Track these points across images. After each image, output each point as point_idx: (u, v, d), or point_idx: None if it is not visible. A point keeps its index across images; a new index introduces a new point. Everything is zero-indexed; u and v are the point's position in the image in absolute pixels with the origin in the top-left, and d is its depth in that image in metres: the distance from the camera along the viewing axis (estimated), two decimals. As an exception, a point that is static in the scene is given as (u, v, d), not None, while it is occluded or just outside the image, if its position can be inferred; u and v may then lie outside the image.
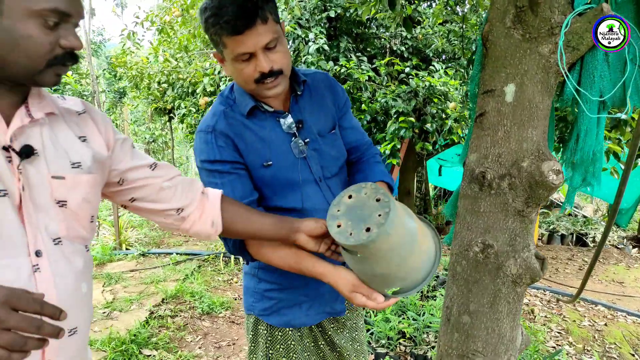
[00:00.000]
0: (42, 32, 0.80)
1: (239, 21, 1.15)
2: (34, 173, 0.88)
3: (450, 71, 5.10)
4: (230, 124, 1.35)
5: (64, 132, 0.97)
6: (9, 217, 0.84)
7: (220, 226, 1.24)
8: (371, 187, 1.15)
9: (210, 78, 4.70)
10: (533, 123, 1.44)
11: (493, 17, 1.47)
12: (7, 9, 0.76)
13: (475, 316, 1.54)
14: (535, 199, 1.43)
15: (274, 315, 1.53)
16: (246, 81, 1.27)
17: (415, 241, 1.21)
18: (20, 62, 0.81)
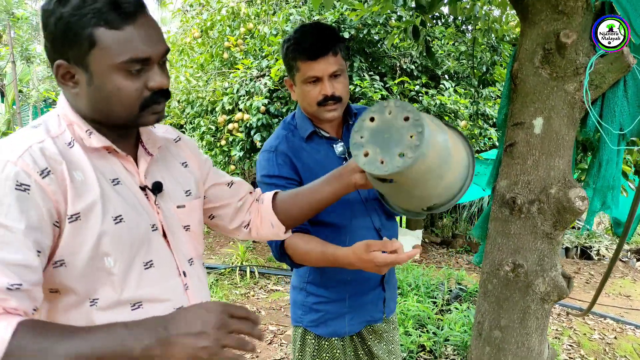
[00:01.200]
0: (128, 81, 0.87)
1: (315, 49, 1.39)
2: (165, 206, 1.01)
3: (460, 89, 5.26)
4: (290, 146, 1.54)
5: (172, 162, 1.09)
6: (163, 247, 0.97)
7: (280, 225, 1.27)
8: (395, 104, 1.00)
9: (230, 97, 4.86)
10: (560, 153, 1.57)
11: (522, 57, 1.61)
12: (94, 71, 0.85)
13: (506, 331, 1.66)
14: (562, 223, 1.56)
15: (322, 326, 1.66)
16: (310, 103, 1.48)
17: (449, 155, 1.08)
18: (118, 112, 0.89)
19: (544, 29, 1.54)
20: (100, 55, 0.83)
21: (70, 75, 0.87)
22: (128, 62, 0.85)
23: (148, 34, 0.87)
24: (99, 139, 0.91)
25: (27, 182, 0.78)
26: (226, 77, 5.15)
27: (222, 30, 5.62)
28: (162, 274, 0.95)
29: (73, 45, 0.83)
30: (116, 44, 0.83)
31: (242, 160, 5.22)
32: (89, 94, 0.87)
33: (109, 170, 0.92)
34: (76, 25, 0.81)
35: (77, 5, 0.80)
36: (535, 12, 1.57)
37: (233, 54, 5.57)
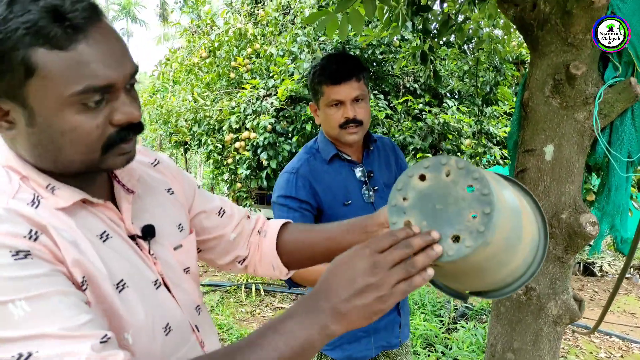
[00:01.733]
0: (84, 118, 0.65)
1: (339, 74, 1.48)
2: (161, 253, 0.82)
3: (463, 108, 5.34)
4: (311, 168, 1.60)
5: (156, 194, 0.88)
6: (171, 305, 0.81)
7: (283, 268, 1.07)
8: (457, 164, 0.73)
9: (237, 116, 4.94)
10: (570, 179, 1.62)
11: (532, 86, 1.67)
12: (35, 107, 0.63)
13: (519, 353, 1.69)
14: (573, 247, 1.60)
15: (337, 350, 1.69)
16: (332, 126, 1.55)
17: (519, 238, 0.82)
18: (72, 158, 0.67)
19: (554, 60, 1.60)
20: (41, 85, 0.61)
21: (2, 113, 0.64)
22: (83, 93, 0.62)
23: (108, 52, 0.65)
24: (67, 194, 0.70)
25: (23, 248, 0.59)
26: (233, 96, 5.24)
27: (229, 51, 5.73)
28: (181, 337, 0.80)
29: (9, 73, 0.61)
30: (64, 69, 0.61)
31: (249, 178, 5.28)
32: (30, 136, 0.65)
33: (92, 225, 0.72)
34: (3, 45, 0.59)
35: (3, 17, 0.58)
36: (545, 44, 1.63)
37: (240, 73, 5.67)
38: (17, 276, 0.57)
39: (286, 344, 0.63)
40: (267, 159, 4.93)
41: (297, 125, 5.14)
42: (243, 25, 5.47)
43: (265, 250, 1.07)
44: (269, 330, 0.65)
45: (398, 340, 1.77)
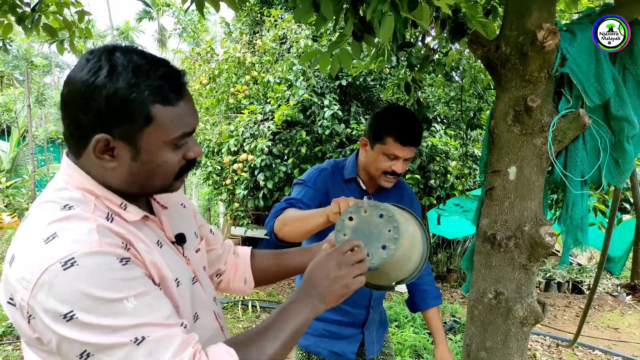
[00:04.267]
0: (173, 155, 0.85)
1: (411, 140, 1.68)
2: (190, 254, 1.02)
3: (450, 131, 5.61)
4: (332, 176, 1.81)
5: (176, 208, 1.08)
6: (203, 297, 1.01)
7: (252, 282, 1.29)
8: (368, 204, 1.17)
9: (235, 139, 5.20)
10: (531, 196, 1.85)
11: (497, 116, 1.91)
12: (144, 147, 0.81)
13: (491, 352, 1.89)
14: (535, 256, 1.82)
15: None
16: (378, 169, 1.74)
17: (414, 237, 1.28)
18: (155, 184, 0.87)
19: (514, 94, 1.85)
20: (154, 132, 0.80)
21: (109, 149, 0.81)
22: (179, 137, 0.84)
23: (192, 107, 0.87)
24: (135, 211, 0.88)
25: (125, 256, 0.77)
26: (232, 120, 5.49)
27: (229, 78, 6.00)
28: (206, 323, 0.99)
29: (125, 121, 0.78)
30: (171, 120, 0.81)
31: (246, 198, 5.49)
32: (130, 168, 0.83)
33: (150, 236, 0.90)
34: (133, 102, 0.77)
35: (132, 82, 0.77)
36: (507, 80, 1.88)
37: (238, 99, 5.93)
38: (127, 277, 0.75)
39: (296, 320, 0.91)
40: (264, 179, 5.16)
41: (293, 148, 5.38)
42: (242, 54, 5.76)
43: (239, 266, 1.30)
44: (283, 313, 0.92)
45: (353, 355, 1.93)
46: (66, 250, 0.72)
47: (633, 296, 7.37)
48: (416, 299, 1.95)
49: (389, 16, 1.57)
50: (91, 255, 0.72)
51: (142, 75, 0.78)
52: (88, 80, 0.76)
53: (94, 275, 0.71)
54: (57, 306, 0.70)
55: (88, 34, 2.61)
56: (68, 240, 0.73)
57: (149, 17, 34.06)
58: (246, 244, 12.79)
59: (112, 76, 0.76)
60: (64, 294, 0.70)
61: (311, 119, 5.37)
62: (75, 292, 0.70)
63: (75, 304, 0.70)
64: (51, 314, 0.70)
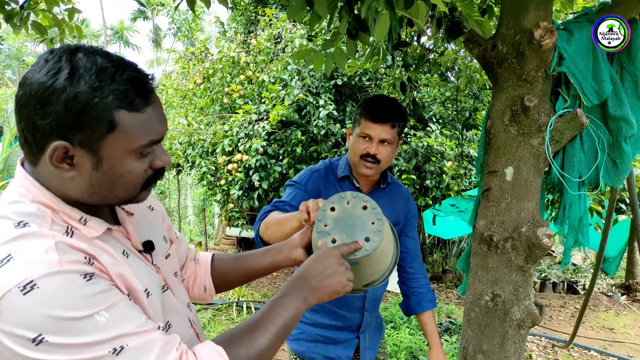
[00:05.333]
0: (138, 164, 0.80)
1: (378, 115, 1.64)
2: (159, 262, 0.97)
3: (446, 132, 5.59)
4: (324, 177, 1.79)
5: (143, 212, 1.02)
6: (175, 304, 0.97)
7: (212, 289, 1.25)
8: (351, 195, 1.14)
9: (230, 139, 5.16)
10: (528, 197, 1.83)
11: (494, 116, 1.89)
12: (105, 155, 0.76)
13: (488, 355, 1.87)
14: (532, 257, 1.80)
15: (294, 342, 1.86)
16: (355, 153, 1.72)
17: (390, 235, 1.25)
18: (119, 196, 0.82)
19: (511, 94, 1.83)
20: (117, 139, 0.75)
21: (68, 157, 0.76)
22: (146, 146, 0.79)
23: (161, 113, 0.82)
24: (96, 225, 0.83)
25: (88, 271, 0.72)
26: (226, 120, 5.46)
27: (223, 77, 5.97)
28: (180, 331, 0.94)
29: (86, 128, 0.73)
30: (137, 127, 0.76)
31: (241, 199, 5.45)
32: (91, 178, 0.78)
33: (116, 246, 0.85)
34: (96, 108, 0.72)
35: (95, 86, 0.72)
36: (504, 80, 1.86)
37: (233, 99, 5.90)
38: (93, 292, 0.70)
39: (287, 313, 0.90)
40: (259, 180, 5.13)
41: (288, 148, 5.36)
42: (236, 53, 5.73)
43: (199, 273, 1.25)
44: (274, 306, 0.91)
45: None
46: (23, 273, 0.67)
47: (628, 296, 7.39)
48: (411, 302, 1.92)
49: (384, 14, 1.54)
50: (52, 276, 0.67)
51: (107, 79, 0.73)
52: (46, 83, 0.71)
53: (57, 296, 0.67)
54: (22, 332, 0.65)
55: (78, 32, 2.57)
56: (24, 262, 0.68)
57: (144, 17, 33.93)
58: (241, 244, 12.75)
59: (73, 79, 0.71)
60: (28, 319, 0.65)
61: (306, 119, 5.34)
62: (40, 316, 0.66)
63: (43, 328, 0.66)
64: (18, 340, 0.66)
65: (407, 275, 1.94)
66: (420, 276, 1.93)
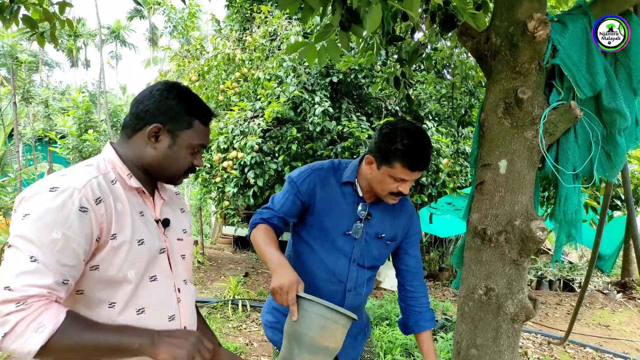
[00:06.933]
0: (189, 156, 1.25)
1: (419, 165, 1.60)
2: (170, 237, 1.30)
3: (442, 129, 5.58)
4: (324, 178, 1.75)
5: (175, 207, 1.41)
6: (166, 267, 1.24)
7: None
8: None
9: (225, 136, 5.13)
10: (522, 190, 1.82)
11: (487, 108, 1.88)
12: (178, 142, 1.22)
13: (481, 349, 1.86)
14: (526, 251, 1.79)
15: (270, 330, 1.84)
16: (384, 190, 1.67)
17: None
18: (172, 172, 1.25)
19: (505, 86, 1.81)
20: (189, 135, 1.23)
21: (157, 135, 1.20)
22: (198, 145, 1.25)
23: (209, 133, 1.33)
24: (136, 181, 1.21)
25: (86, 206, 1.04)
26: (221, 117, 5.43)
27: (218, 74, 5.94)
28: (162, 288, 1.21)
29: (178, 121, 1.21)
30: (200, 132, 1.25)
31: (236, 196, 5.43)
32: (163, 153, 1.21)
33: (138, 205, 1.21)
34: (187, 113, 1.22)
35: (191, 102, 1.24)
36: (497, 72, 1.85)
37: (228, 96, 5.86)
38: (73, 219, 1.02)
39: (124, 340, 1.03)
40: (254, 177, 5.10)
41: (283, 145, 5.33)
42: (231, 50, 5.70)
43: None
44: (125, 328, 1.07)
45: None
46: (61, 183, 1.05)
47: (624, 294, 7.40)
48: (410, 321, 1.89)
49: (376, 5, 1.53)
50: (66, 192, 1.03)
51: (197, 103, 1.25)
52: (166, 90, 1.22)
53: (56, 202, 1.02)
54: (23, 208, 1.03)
55: (70, 26, 2.54)
56: (69, 178, 1.07)
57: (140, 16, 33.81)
58: (237, 243, 12.71)
59: (182, 96, 1.23)
60: (34, 204, 1.02)
61: (302, 116, 5.31)
62: (38, 205, 1.02)
63: (30, 211, 1.01)
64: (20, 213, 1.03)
65: (407, 294, 1.90)
66: (420, 295, 1.89)
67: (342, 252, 1.74)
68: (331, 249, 1.74)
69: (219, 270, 7.72)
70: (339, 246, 1.74)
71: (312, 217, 1.75)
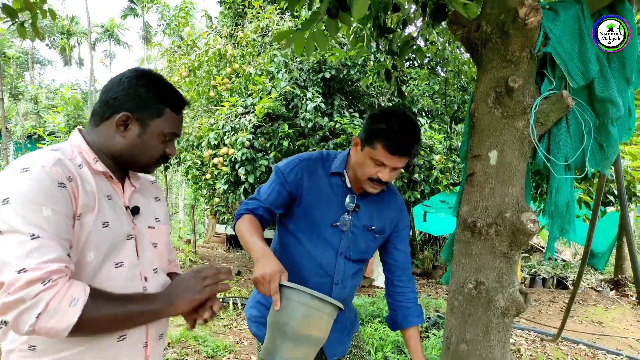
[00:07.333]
0: (160, 145, 1.24)
1: (400, 149, 1.54)
2: (140, 224, 1.27)
3: (435, 125, 5.55)
4: (312, 168, 1.71)
5: (147, 195, 1.38)
6: (133, 254, 1.21)
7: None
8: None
9: (215, 133, 5.06)
10: (513, 181, 1.78)
11: (478, 98, 1.84)
12: (148, 130, 1.20)
13: (471, 344, 1.81)
14: (517, 243, 1.75)
15: (254, 325, 1.79)
16: (364, 174, 1.62)
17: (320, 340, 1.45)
18: (143, 160, 1.24)
19: (495, 75, 1.77)
20: (159, 123, 1.21)
21: (126, 124, 1.18)
22: (169, 134, 1.24)
23: (182, 121, 1.31)
24: (102, 166, 1.19)
25: (63, 182, 1.03)
26: (212, 113, 5.36)
27: (209, 70, 5.87)
28: (127, 275, 1.18)
29: (148, 110, 1.19)
30: (171, 121, 1.23)
31: (227, 193, 5.37)
32: (133, 141, 1.20)
33: (105, 189, 1.19)
34: (158, 100, 1.20)
35: (162, 89, 1.21)
36: (488, 61, 1.81)
37: (219, 92, 5.80)
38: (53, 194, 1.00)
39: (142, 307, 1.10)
40: (245, 174, 5.04)
41: (275, 142, 5.28)
42: (223, 46, 5.63)
43: None
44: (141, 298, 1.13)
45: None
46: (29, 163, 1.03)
47: (617, 291, 7.40)
48: (397, 316, 1.84)
49: (363, -11, 1.48)
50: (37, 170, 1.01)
51: (168, 91, 1.23)
52: (138, 76, 1.20)
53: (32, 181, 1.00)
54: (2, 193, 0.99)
55: (52, 15, 2.48)
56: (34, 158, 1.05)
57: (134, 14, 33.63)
58: (231, 242, 12.63)
59: (153, 83, 1.20)
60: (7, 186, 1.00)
61: (294, 112, 5.25)
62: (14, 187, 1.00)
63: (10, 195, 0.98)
64: None
65: (395, 289, 1.85)
66: (408, 290, 1.85)
67: (329, 244, 1.70)
68: (318, 241, 1.70)
69: (211, 268, 7.63)
70: (326, 238, 1.70)
71: (299, 208, 1.71)
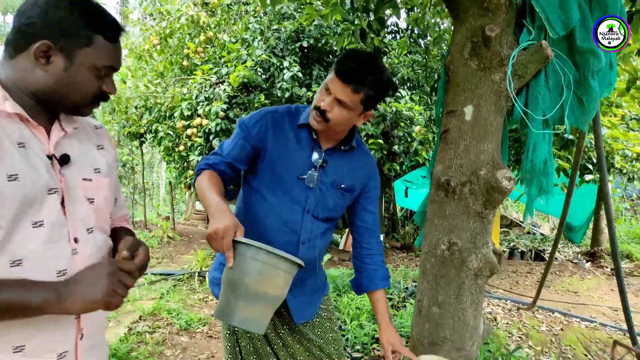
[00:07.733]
0: (95, 80, 1.04)
1: (344, 74, 1.45)
2: (70, 176, 1.06)
3: (415, 97, 5.45)
4: (278, 121, 1.62)
5: (86, 142, 1.17)
6: (57, 211, 1.00)
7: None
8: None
9: (188, 102, 4.87)
10: (488, 138, 1.70)
11: (453, 50, 1.74)
12: (76, 63, 1.00)
13: (444, 307, 1.75)
14: (491, 202, 1.68)
15: (216, 288, 1.70)
16: (314, 100, 1.55)
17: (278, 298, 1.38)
18: (74, 99, 1.04)
19: (472, 24, 1.67)
20: (90, 53, 1.01)
21: (47, 55, 0.98)
22: (104, 68, 1.04)
23: (120, 54, 1.11)
24: (13, 106, 0.98)
25: None
26: (185, 82, 5.17)
27: (182, 38, 5.63)
28: (50, 236, 0.99)
29: (73, 37, 0.98)
30: (104, 51, 1.03)
31: (201, 166, 5.21)
32: (58, 77, 1.00)
33: (17, 134, 0.98)
34: (84, 25, 0.98)
35: (90, 12, 1.00)
36: (464, 10, 1.70)
37: (193, 61, 5.58)
38: None
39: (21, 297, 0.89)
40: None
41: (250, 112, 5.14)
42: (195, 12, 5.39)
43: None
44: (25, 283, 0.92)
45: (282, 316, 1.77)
46: None
47: (592, 263, 7.54)
48: (363, 279, 1.74)
49: None
50: None
51: (98, 14, 1.02)
52: (53, 2, 0.97)
53: None
54: None
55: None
56: None
57: (110, -13, 32.43)
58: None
59: (76, 3, 0.99)
60: None
61: (270, 82, 5.08)
62: None
63: None
64: None
65: (363, 251, 1.75)
66: (375, 252, 1.75)
67: (295, 201, 1.60)
68: (283, 198, 1.60)
69: (190, 245, 7.54)
70: (292, 195, 1.60)
71: (264, 163, 1.60)
